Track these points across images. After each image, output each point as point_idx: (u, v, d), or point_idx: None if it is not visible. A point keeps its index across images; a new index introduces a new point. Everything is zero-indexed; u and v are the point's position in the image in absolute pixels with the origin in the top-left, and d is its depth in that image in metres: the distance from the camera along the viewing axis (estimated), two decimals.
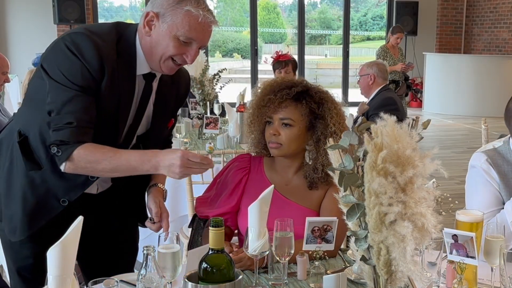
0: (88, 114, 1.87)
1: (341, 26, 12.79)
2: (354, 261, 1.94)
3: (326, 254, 1.91)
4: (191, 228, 2.31)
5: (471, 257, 1.68)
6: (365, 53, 15.13)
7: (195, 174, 1.88)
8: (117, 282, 1.48)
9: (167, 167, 1.85)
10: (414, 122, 4.50)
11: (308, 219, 1.84)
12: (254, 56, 11.78)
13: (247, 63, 13.05)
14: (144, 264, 1.53)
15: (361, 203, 1.33)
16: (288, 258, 1.81)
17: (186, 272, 1.57)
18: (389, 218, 1.26)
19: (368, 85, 4.92)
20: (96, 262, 2.22)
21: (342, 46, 12.55)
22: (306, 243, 1.86)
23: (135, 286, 1.58)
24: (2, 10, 10.10)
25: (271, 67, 5.66)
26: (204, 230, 2.23)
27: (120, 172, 1.94)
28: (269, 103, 2.16)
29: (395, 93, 6.08)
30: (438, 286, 1.83)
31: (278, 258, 1.80)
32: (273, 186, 1.85)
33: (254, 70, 11.86)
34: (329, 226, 1.85)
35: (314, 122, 2.16)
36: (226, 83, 5.23)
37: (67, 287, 1.41)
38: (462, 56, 12.14)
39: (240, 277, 1.51)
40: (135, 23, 2.01)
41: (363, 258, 1.36)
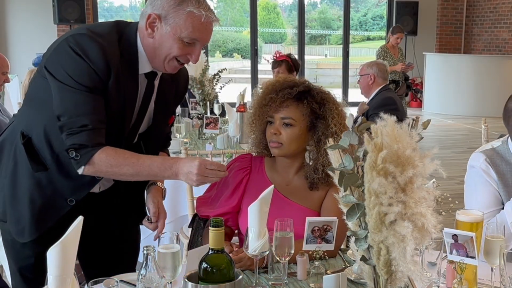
0: (100, 115, 1.87)
1: (341, 26, 12.79)
2: (354, 261, 1.94)
3: (326, 254, 1.91)
4: (191, 228, 2.31)
5: (471, 257, 1.68)
6: (365, 53, 15.13)
7: (211, 182, 1.93)
8: (117, 282, 1.49)
9: (186, 174, 1.88)
10: (414, 122, 4.50)
11: (308, 219, 1.84)
12: (254, 56, 11.78)
13: (247, 63, 13.05)
14: (144, 264, 1.53)
15: (361, 203, 1.33)
16: (288, 258, 1.81)
17: (186, 272, 1.57)
18: (389, 218, 1.26)
19: (368, 85, 4.92)
20: (97, 261, 2.23)
21: (342, 46, 12.55)
22: (306, 243, 1.86)
23: (135, 286, 1.58)
24: (2, 10, 10.10)
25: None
26: (204, 230, 2.23)
27: (141, 177, 1.97)
28: (270, 102, 2.16)
29: (395, 93, 6.07)
30: (438, 286, 1.83)
31: (278, 258, 1.80)
32: (273, 186, 1.85)
33: (254, 70, 11.86)
34: (329, 226, 1.85)
35: (315, 122, 2.16)
36: (226, 83, 5.23)
37: (67, 287, 1.41)
38: (462, 56, 12.14)
39: (240, 277, 1.51)
40: (134, 22, 2.01)
41: (363, 258, 1.36)
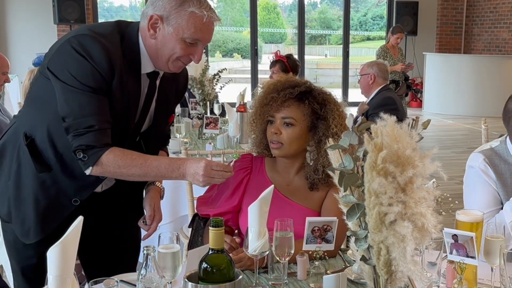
0: (105, 115, 1.87)
1: (341, 26, 12.78)
2: (354, 261, 1.94)
3: (326, 254, 1.91)
4: (191, 228, 2.31)
5: (471, 257, 1.68)
6: (365, 53, 15.13)
7: (217, 183, 1.93)
8: (117, 282, 1.48)
9: (192, 175, 1.89)
10: (414, 122, 4.50)
11: (308, 219, 1.84)
12: (254, 56, 11.78)
13: (247, 63, 13.05)
14: (144, 264, 1.53)
15: (361, 203, 1.33)
16: (288, 258, 1.81)
17: (186, 272, 1.57)
18: (389, 218, 1.26)
19: (368, 84, 4.92)
20: (98, 261, 2.23)
21: (342, 46, 12.55)
22: (306, 243, 1.86)
23: (135, 286, 1.58)
24: (2, 10, 10.10)
25: None
26: (204, 230, 2.23)
27: (148, 178, 1.99)
28: (271, 102, 2.16)
29: (395, 93, 6.07)
30: (438, 286, 1.83)
31: (278, 258, 1.80)
32: (273, 186, 1.85)
33: (254, 70, 11.85)
34: (329, 226, 1.85)
35: (316, 123, 2.16)
36: (226, 83, 5.23)
37: (67, 287, 1.41)
38: (462, 56, 12.14)
39: (240, 277, 1.51)
40: (135, 22, 2.01)
41: (363, 258, 1.36)
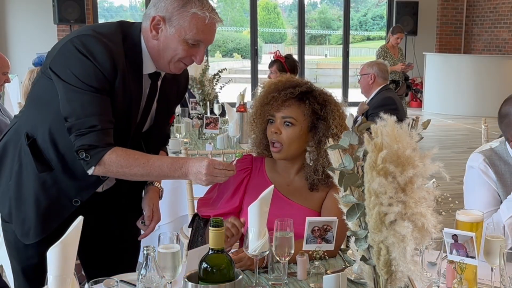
0: (108, 115, 1.87)
1: (341, 26, 12.78)
2: (354, 261, 1.94)
3: (326, 254, 1.91)
4: (191, 228, 2.31)
5: (471, 257, 1.68)
6: (365, 53, 15.12)
7: (220, 182, 1.93)
8: (117, 282, 1.49)
9: (195, 174, 1.88)
10: (414, 122, 4.50)
11: (308, 219, 1.84)
12: (254, 56, 11.78)
13: (247, 63, 13.05)
14: (144, 264, 1.53)
15: (361, 203, 1.33)
16: (288, 258, 1.81)
17: (186, 272, 1.57)
18: (389, 218, 1.26)
19: (368, 84, 4.92)
20: (98, 261, 2.23)
21: (342, 46, 12.55)
22: (306, 243, 1.86)
23: (135, 286, 1.58)
24: (2, 10, 10.10)
25: None
26: (204, 230, 2.23)
27: (150, 177, 2.00)
28: (272, 101, 2.16)
29: (395, 93, 6.07)
30: (438, 286, 1.83)
31: (278, 258, 1.80)
32: (273, 186, 1.85)
33: (254, 70, 11.86)
34: (329, 226, 1.85)
35: (316, 123, 2.16)
36: (226, 83, 5.23)
37: (67, 287, 1.41)
38: (462, 56, 12.14)
39: (240, 277, 1.51)
40: (138, 22, 2.02)
41: (363, 258, 1.36)
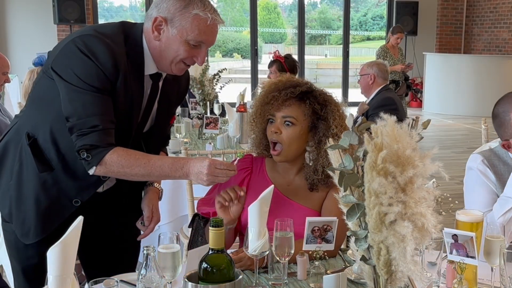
0: (109, 115, 1.87)
1: (341, 26, 12.78)
2: (354, 261, 1.94)
3: (326, 254, 1.91)
4: (191, 228, 2.31)
5: (471, 257, 1.68)
6: (365, 53, 15.12)
7: (221, 182, 1.93)
8: (117, 282, 1.49)
9: (196, 174, 1.88)
10: (414, 122, 4.50)
11: (308, 219, 1.84)
12: (254, 56, 11.78)
13: (247, 63, 13.04)
14: (144, 264, 1.53)
15: (361, 203, 1.33)
16: (288, 258, 1.81)
17: (186, 272, 1.57)
18: (389, 218, 1.26)
19: (368, 84, 4.92)
20: (98, 261, 2.23)
21: (342, 46, 12.55)
22: (306, 243, 1.86)
23: (135, 286, 1.58)
24: (2, 10, 10.10)
25: None
26: (204, 230, 2.23)
27: (151, 177, 1.99)
28: (272, 101, 2.16)
29: (395, 93, 6.07)
30: (438, 286, 1.83)
31: (278, 258, 1.80)
32: (273, 186, 1.85)
33: (254, 70, 11.86)
34: (329, 226, 1.85)
35: (317, 123, 2.16)
36: (226, 83, 5.23)
37: (67, 287, 1.41)
38: (462, 56, 12.14)
39: (240, 277, 1.51)
40: (139, 23, 2.02)
41: (363, 258, 1.36)
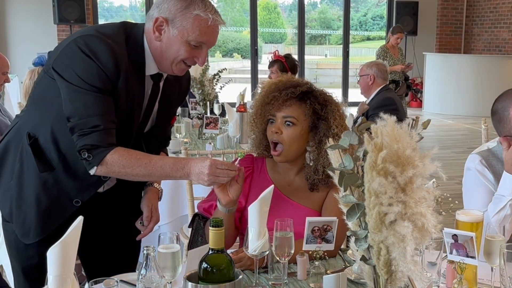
0: (110, 115, 1.87)
1: (341, 26, 12.78)
2: (354, 261, 1.94)
3: (326, 254, 1.91)
4: (191, 228, 2.31)
5: (471, 257, 1.68)
6: (365, 53, 15.12)
7: (222, 182, 1.92)
8: (117, 282, 1.49)
9: (197, 175, 1.88)
10: (414, 122, 4.50)
11: (308, 219, 1.84)
12: (254, 56, 11.78)
13: (247, 63, 13.04)
14: (144, 264, 1.53)
15: (361, 203, 1.33)
16: (288, 258, 1.81)
17: (186, 272, 1.57)
18: (389, 218, 1.26)
19: (367, 85, 4.92)
20: (98, 261, 2.23)
21: (342, 46, 12.55)
22: (306, 243, 1.86)
23: (135, 286, 1.58)
24: (2, 10, 10.10)
25: None
26: (204, 230, 2.23)
27: (152, 177, 1.99)
28: (273, 101, 2.17)
29: (395, 93, 6.07)
30: (438, 286, 1.83)
31: (278, 258, 1.80)
32: (273, 186, 1.85)
33: (254, 70, 11.86)
34: (329, 226, 1.85)
35: (317, 123, 2.16)
36: (226, 83, 5.23)
37: (67, 287, 1.41)
38: (462, 56, 12.14)
39: (240, 277, 1.51)
40: (141, 23, 2.02)
41: (363, 258, 1.36)
